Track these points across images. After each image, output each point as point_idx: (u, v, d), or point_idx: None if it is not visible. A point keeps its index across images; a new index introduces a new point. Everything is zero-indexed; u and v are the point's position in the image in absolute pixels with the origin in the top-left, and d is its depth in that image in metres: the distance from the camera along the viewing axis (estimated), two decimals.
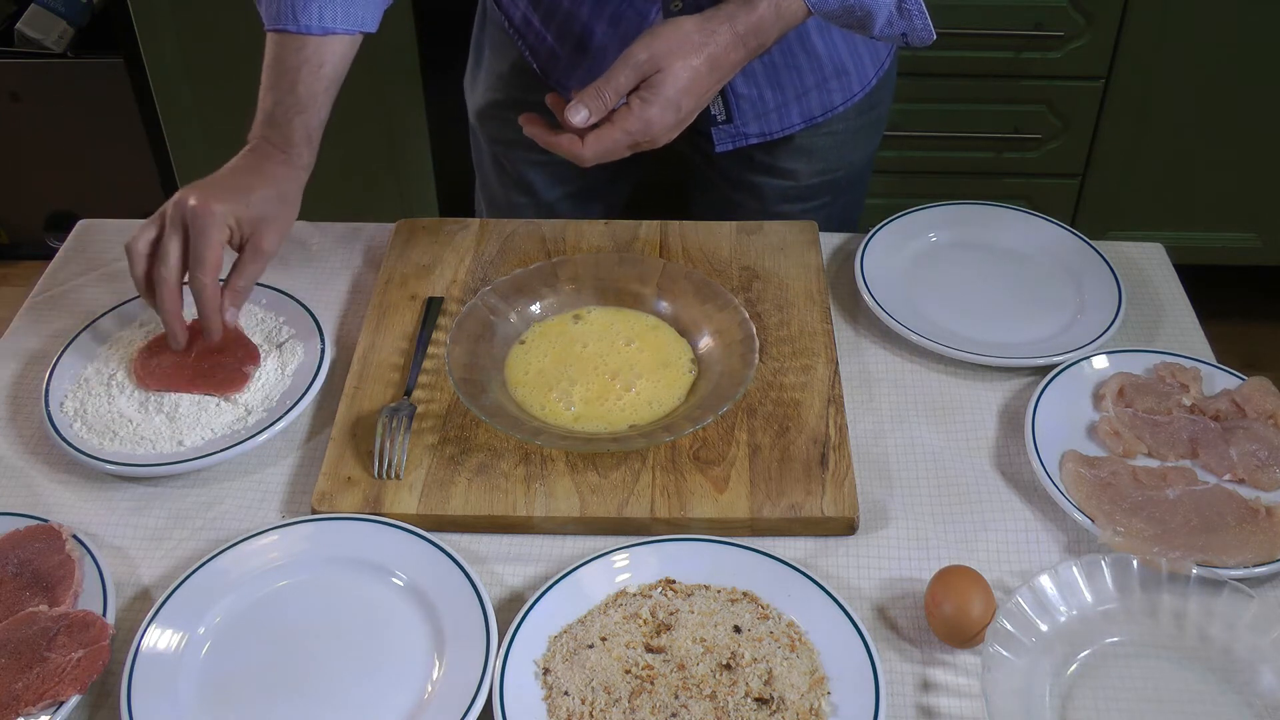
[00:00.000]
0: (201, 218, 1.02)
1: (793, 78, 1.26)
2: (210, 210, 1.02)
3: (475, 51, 1.41)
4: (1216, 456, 1.01)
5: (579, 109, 1.00)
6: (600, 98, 1.00)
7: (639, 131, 1.01)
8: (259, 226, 1.05)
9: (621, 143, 1.01)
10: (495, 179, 1.46)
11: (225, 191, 1.05)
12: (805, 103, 1.28)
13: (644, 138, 1.01)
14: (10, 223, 2.69)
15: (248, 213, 1.05)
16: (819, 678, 0.86)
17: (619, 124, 1.00)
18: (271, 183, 1.07)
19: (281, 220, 1.08)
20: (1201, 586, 0.89)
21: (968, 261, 1.24)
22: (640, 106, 1.00)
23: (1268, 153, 2.20)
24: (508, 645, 0.87)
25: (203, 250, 1.02)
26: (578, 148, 1.01)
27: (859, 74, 1.29)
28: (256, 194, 1.06)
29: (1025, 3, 2.02)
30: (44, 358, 1.14)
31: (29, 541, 0.94)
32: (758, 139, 1.30)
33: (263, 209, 1.06)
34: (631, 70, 1.00)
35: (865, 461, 1.04)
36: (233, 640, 0.89)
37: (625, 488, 0.99)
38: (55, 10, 2.38)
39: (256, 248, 1.05)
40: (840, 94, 1.29)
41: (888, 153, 2.19)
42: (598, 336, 1.12)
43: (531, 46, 1.28)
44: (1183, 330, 1.17)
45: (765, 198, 1.37)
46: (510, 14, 1.29)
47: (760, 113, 1.27)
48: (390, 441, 1.01)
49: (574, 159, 1.02)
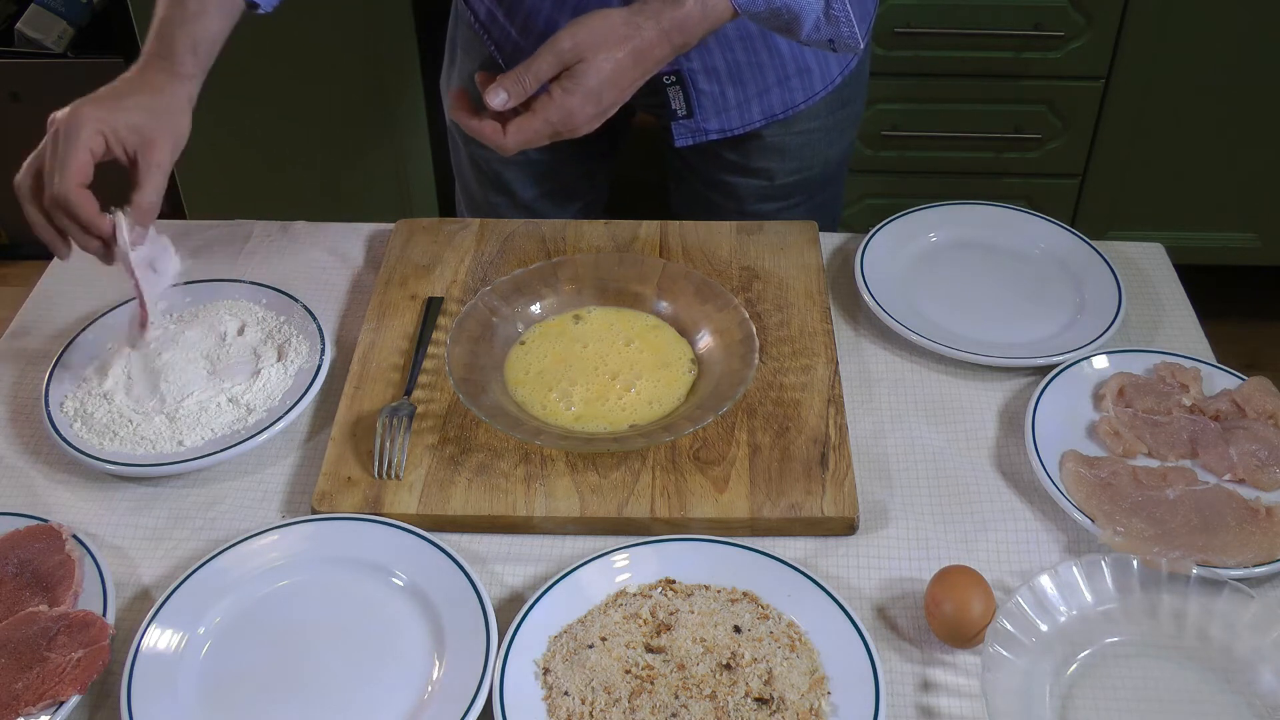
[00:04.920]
0: (68, 126, 0.99)
1: (755, 75, 1.26)
2: (76, 117, 0.99)
3: (449, 51, 1.41)
4: (1216, 456, 1.01)
5: (498, 92, 1.00)
6: (520, 83, 1.00)
7: (559, 121, 1.00)
8: (145, 136, 1.02)
9: (542, 132, 1.01)
10: (473, 179, 1.46)
11: (95, 101, 1.02)
12: (766, 100, 1.29)
13: (564, 127, 1.01)
14: (10, 223, 2.68)
15: (123, 118, 1.01)
16: (819, 678, 0.86)
17: (540, 113, 1.00)
18: (149, 90, 1.04)
19: (168, 130, 1.04)
20: (1201, 586, 0.89)
21: (968, 261, 1.24)
22: (561, 96, 0.99)
23: (1268, 153, 2.19)
24: (508, 645, 0.87)
25: (64, 156, 0.98)
26: (499, 137, 1.01)
27: (822, 72, 1.30)
28: (129, 100, 1.02)
29: (1025, 3, 2.02)
30: (44, 358, 1.14)
31: (29, 541, 0.94)
32: (718, 135, 1.30)
33: (140, 117, 1.02)
34: (554, 57, 0.99)
35: (865, 461, 1.04)
36: (233, 640, 0.89)
37: (625, 488, 0.99)
38: (55, 10, 2.38)
39: (147, 161, 1.02)
40: (802, 91, 1.30)
41: (888, 153, 2.20)
42: (598, 336, 1.12)
43: (497, 41, 1.29)
44: (1183, 330, 1.17)
45: (740, 197, 1.38)
46: (476, 9, 1.29)
47: (721, 109, 1.28)
48: (390, 441, 1.01)
49: (496, 147, 1.02)
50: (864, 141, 2.17)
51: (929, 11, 2.04)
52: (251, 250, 1.27)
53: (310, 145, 2.25)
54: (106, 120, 1.01)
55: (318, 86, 2.16)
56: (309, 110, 2.20)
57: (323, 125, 2.23)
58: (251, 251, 1.27)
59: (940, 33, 2.05)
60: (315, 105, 2.19)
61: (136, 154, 1.02)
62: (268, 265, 1.25)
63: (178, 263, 1.09)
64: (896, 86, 2.12)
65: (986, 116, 2.16)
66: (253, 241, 1.29)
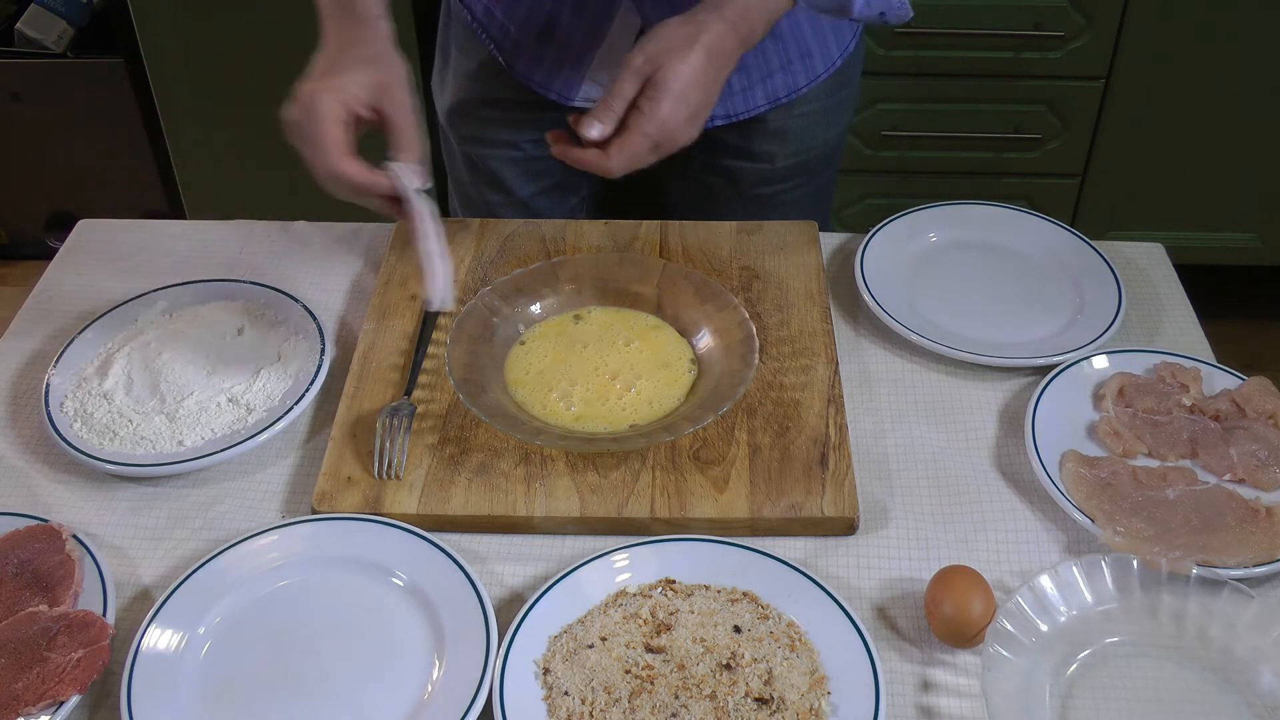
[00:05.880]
0: (304, 109, 0.99)
1: (759, 60, 1.27)
2: (307, 98, 0.99)
3: (442, 52, 1.41)
4: (1216, 456, 1.01)
5: (592, 124, 1.01)
6: (609, 109, 1.02)
7: (657, 132, 1.01)
8: (376, 84, 1.02)
9: (643, 146, 1.02)
10: (468, 178, 1.46)
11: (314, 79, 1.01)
12: (770, 85, 1.29)
13: (663, 138, 1.02)
14: (10, 223, 2.69)
15: (349, 79, 1.00)
16: (819, 678, 0.86)
17: (635, 129, 1.01)
18: (353, 45, 1.03)
19: (392, 71, 1.03)
20: (1201, 586, 0.89)
21: (968, 261, 1.24)
22: (650, 107, 1.01)
23: (1268, 153, 2.20)
24: (508, 645, 0.87)
25: (314, 136, 0.98)
26: (604, 160, 1.02)
27: (823, 55, 1.31)
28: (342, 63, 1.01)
29: (1025, 3, 2.02)
30: (44, 358, 1.14)
31: (29, 541, 0.94)
32: (722, 120, 1.31)
33: (362, 73, 1.01)
34: (633, 75, 1.01)
35: (865, 461, 1.04)
36: (233, 640, 0.89)
37: (625, 488, 0.99)
38: (55, 10, 2.38)
39: (392, 104, 1.02)
40: (804, 75, 1.31)
41: (888, 153, 2.20)
42: (598, 336, 1.12)
43: (495, 39, 1.29)
44: (1183, 330, 1.17)
45: (741, 182, 1.38)
46: (472, 8, 1.29)
47: (725, 94, 1.28)
48: (390, 441, 1.01)
49: (602, 172, 1.03)
50: (864, 141, 2.18)
51: (929, 11, 2.04)
52: (251, 250, 1.27)
53: None
54: (335, 87, 1.00)
55: None
56: None
57: None
58: (251, 251, 1.27)
59: (940, 33, 2.05)
60: None
61: (379, 105, 1.02)
62: (268, 265, 1.25)
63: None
64: (896, 86, 2.12)
65: (986, 116, 2.16)
66: (253, 241, 1.29)
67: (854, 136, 2.14)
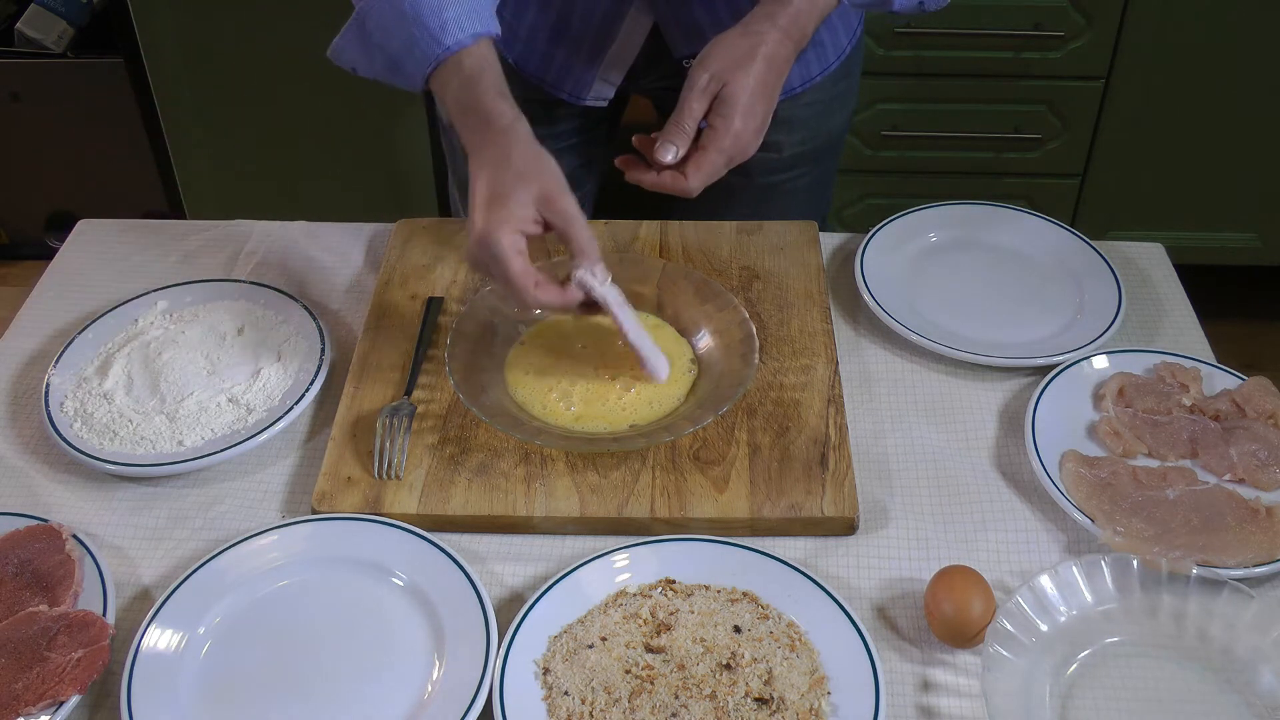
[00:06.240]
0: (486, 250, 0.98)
1: None
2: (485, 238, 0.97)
3: None
4: (1216, 456, 1.01)
5: (668, 148, 1.02)
6: (682, 130, 1.02)
7: (731, 147, 1.03)
8: (540, 199, 1.00)
9: (719, 163, 1.03)
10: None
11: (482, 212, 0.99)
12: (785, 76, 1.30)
13: (736, 151, 1.03)
14: (10, 223, 2.68)
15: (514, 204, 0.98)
16: (819, 678, 0.86)
17: (713, 146, 1.02)
18: (506, 163, 1.01)
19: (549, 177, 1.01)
20: (1201, 586, 0.89)
21: (968, 261, 1.24)
22: (723, 124, 1.02)
23: (1268, 153, 2.19)
24: (507, 645, 0.87)
25: (505, 274, 0.97)
26: (682, 182, 1.03)
27: (834, 44, 1.32)
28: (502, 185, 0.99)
29: (1025, 3, 2.02)
30: (44, 358, 1.14)
31: (29, 541, 0.94)
32: None
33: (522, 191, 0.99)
34: (700, 94, 1.02)
35: (865, 461, 1.04)
36: (233, 640, 0.89)
37: (625, 488, 0.99)
38: (55, 10, 2.38)
39: (558, 215, 1.00)
40: (817, 64, 1.31)
41: (888, 153, 2.20)
42: (598, 336, 1.12)
43: (504, 39, 1.28)
44: (1183, 330, 1.17)
45: (750, 172, 1.38)
46: None
47: None
48: (390, 441, 1.01)
49: (682, 193, 1.04)
50: (864, 141, 2.17)
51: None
52: (251, 250, 1.27)
53: (310, 145, 2.25)
54: (506, 220, 0.98)
55: (318, 87, 2.16)
56: (309, 111, 2.20)
57: (323, 125, 2.23)
58: (251, 251, 1.27)
59: (940, 33, 2.05)
60: (315, 106, 2.19)
61: (546, 218, 1.00)
62: (268, 265, 1.25)
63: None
64: (896, 86, 2.12)
65: (986, 116, 2.16)
66: (253, 241, 1.29)
67: (854, 136, 2.14)
